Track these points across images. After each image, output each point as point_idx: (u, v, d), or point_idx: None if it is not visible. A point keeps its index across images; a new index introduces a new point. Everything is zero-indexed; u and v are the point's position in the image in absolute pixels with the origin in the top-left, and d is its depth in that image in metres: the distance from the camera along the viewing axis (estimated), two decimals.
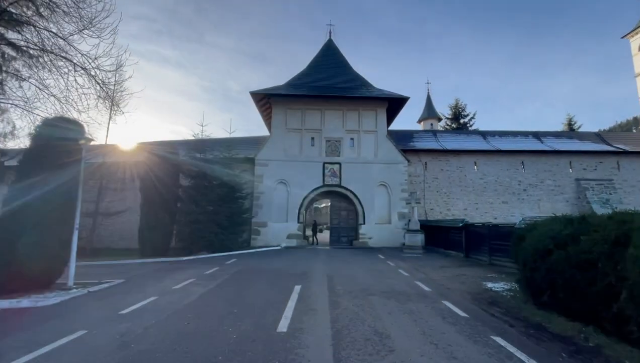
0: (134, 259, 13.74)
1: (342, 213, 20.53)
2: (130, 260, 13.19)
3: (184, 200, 15.80)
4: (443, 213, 21.22)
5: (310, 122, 20.70)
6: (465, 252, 14.21)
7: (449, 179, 21.62)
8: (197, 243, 14.88)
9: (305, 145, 20.42)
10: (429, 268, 11.35)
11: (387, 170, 20.31)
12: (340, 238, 20.33)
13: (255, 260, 12.78)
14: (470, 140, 22.93)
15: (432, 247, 17.68)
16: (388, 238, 19.54)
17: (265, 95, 20.81)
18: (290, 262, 11.88)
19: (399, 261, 12.65)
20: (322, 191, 20.02)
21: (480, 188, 21.57)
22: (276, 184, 19.90)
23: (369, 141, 20.68)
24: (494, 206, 21.40)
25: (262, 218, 19.43)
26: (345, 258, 13.44)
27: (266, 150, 20.20)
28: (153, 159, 15.66)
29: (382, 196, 20.19)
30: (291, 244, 19.29)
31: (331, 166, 20.15)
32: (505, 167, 21.82)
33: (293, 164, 20.06)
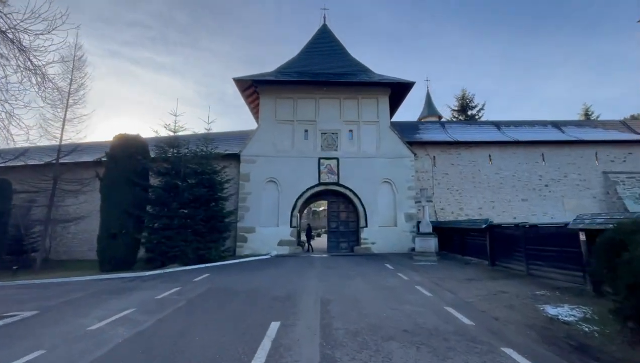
0: (85, 275, 11.19)
1: (341, 215, 18.04)
2: (78, 277, 10.63)
3: (154, 202, 13.27)
4: (455, 213, 18.75)
5: (303, 112, 18.26)
6: (491, 259, 11.73)
7: (460, 175, 19.18)
8: (166, 253, 12.33)
9: (298, 138, 17.97)
10: (453, 281, 8.86)
11: (392, 165, 17.85)
12: (340, 244, 17.81)
13: (234, 274, 10.25)
14: (483, 131, 20.53)
15: (446, 253, 15.21)
16: (394, 243, 17.04)
17: (252, 83, 18.38)
18: (276, 277, 9.36)
19: (412, 273, 10.16)
20: (317, 190, 17.54)
21: (496, 184, 19.14)
22: (265, 183, 17.40)
23: (370, 133, 18.24)
24: (512, 204, 18.95)
25: (249, 223, 16.91)
26: (346, 269, 10.93)
27: (253, 144, 17.72)
28: (117, 154, 13.17)
29: (386, 195, 17.72)
30: (283, 252, 16.75)
31: (328, 161, 17.68)
32: (523, 160, 19.40)
33: (284, 160, 17.59)
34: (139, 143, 13.61)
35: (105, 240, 12.41)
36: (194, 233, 13.03)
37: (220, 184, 14.68)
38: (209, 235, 13.36)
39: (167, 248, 12.30)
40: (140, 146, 13.56)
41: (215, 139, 18.86)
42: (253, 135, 17.91)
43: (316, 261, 13.22)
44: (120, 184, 12.75)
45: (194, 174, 13.77)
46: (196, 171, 13.92)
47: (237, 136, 20.05)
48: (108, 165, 13.12)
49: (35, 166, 15.48)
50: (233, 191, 17.47)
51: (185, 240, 12.68)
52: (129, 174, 12.88)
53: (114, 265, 12.30)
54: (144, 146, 13.86)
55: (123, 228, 12.52)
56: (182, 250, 12.47)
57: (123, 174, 12.83)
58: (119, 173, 12.84)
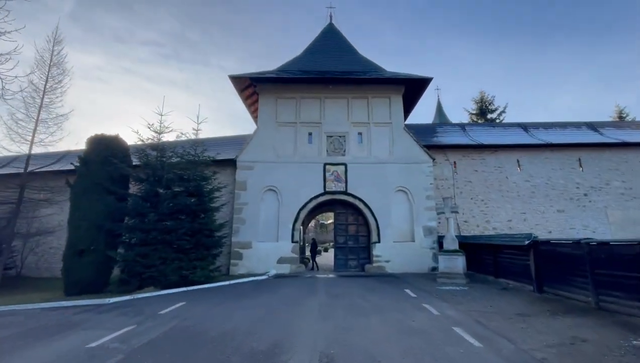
0: (42, 301, 9.22)
1: (349, 229, 15.87)
2: (27, 305, 8.65)
3: (131, 213, 11.39)
4: (481, 226, 16.40)
5: (307, 113, 16.41)
6: (537, 284, 9.40)
7: (485, 183, 16.89)
8: (140, 275, 10.33)
9: (301, 142, 16.05)
10: (501, 318, 6.61)
11: (407, 172, 15.72)
12: (348, 262, 15.57)
13: (215, 304, 8.15)
14: (509, 133, 18.30)
15: (473, 273, 12.85)
16: (411, 261, 14.73)
17: (250, 82, 16.69)
18: (265, 310, 7.21)
19: (441, 304, 7.90)
20: (323, 200, 15.47)
21: (527, 193, 16.76)
22: (264, 192, 15.43)
23: (381, 136, 16.22)
24: (546, 216, 16.51)
25: (245, 237, 14.87)
26: (356, 298, 8.72)
27: (251, 149, 15.86)
28: (89, 158, 11.42)
29: (401, 206, 15.53)
30: (283, 271, 14.60)
31: (334, 168, 15.67)
32: (557, 166, 17.04)
33: (285, 166, 15.65)
34: (117, 146, 11.85)
35: (71, 257, 10.51)
36: (177, 249, 11.06)
37: (210, 193, 12.75)
38: (195, 252, 11.34)
39: (142, 268, 10.31)
40: (118, 149, 11.80)
41: (210, 144, 17.14)
42: (251, 139, 16.07)
43: (320, 285, 11.02)
44: (91, 192, 10.94)
45: (179, 181, 11.88)
46: (182, 177, 12.05)
47: (234, 141, 18.28)
48: (80, 171, 11.35)
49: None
50: (228, 199, 15.55)
51: (165, 258, 10.69)
52: (102, 180, 11.07)
53: (82, 288, 10.36)
54: (124, 149, 12.10)
55: (92, 243, 10.62)
56: (160, 270, 10.47)
57: (95, 180, 11.03)
58: (90, 180, 11.04)
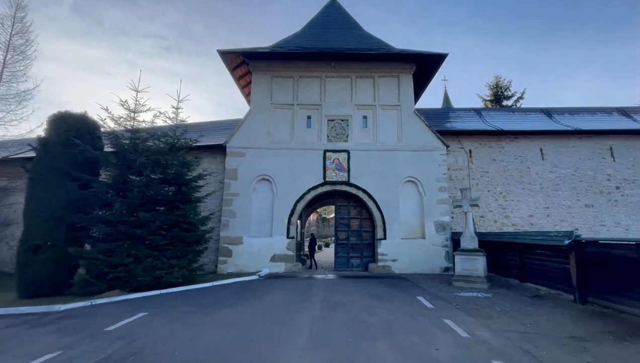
0: None
1: (352, 223, 14.22)
2: None
3: (95, 204, 9.78)
4: (499, 221, 14.67)
5: (306, 94, 14.66)
6: (580, 293, 7.71)
7: (504, 174, 15.12)
8: (105, 275, 8.77)
9: (299, 126, 14.35)
10: (551, 344, 4.96)
11: (417, 160, 13.99)
12: (350, 260, 13.94)
13: (182, 316, 6.55)
14: (531, 119, 16.45)
15: (492, 275, 11.20)
16: (421, 261, 13.10)
17: (243, 59, 14.94)
18: (238, 332, 5.58)
19: (466, 318, 6.25)
20: (322, 191, 13.81)
21: (551, 185, 14.98)
22: (256, 182, 13.79)
23: (389, 120, 14.47)
24: (572, 211, 14.74)
25: (235, 232, 13.28)
26: (359, 309, 7.09)
27: (243, 134, 14.18)
28: (49, 139, 9.81)
29: (410, 199, 13.83)
30: (277, 269, 13.03)
31: (336, 155, 13.97)
32: (585, 155, 15.21)
33: (281, 153, 13.98)
34: (83, 125, 10.20)
35: (25, 254, 8.94)
36: (150, 246, 9.47)
37: (192, 182, 11.11)
38: (172, 249, 9.75)
39: (106, 268, 8.73)
40: (85, 130, 10.15)
41: (199, 128, 15.52)
42: (242, 122, 14.37)
43: (317, 290, 9.40)
44: (50, 179, 9.34)
45: (154, 167, 10.24)
46: (158, 162, 10.41)
47: (226, 125, 16.60)
48: (38, 154, 9.75)
49: None
50: (217, 189, 13.95)
51: (135, 256, 9.10)
52: (63, 165, 9.46)
53: (36, 290, 8.82)
54: (92, 129, 10.45)
55: (50, 238, 9.05)
56: (129, 270, 8.89)
57: (55, 165, 9.42)
58: (49, 164, 9.44)
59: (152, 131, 10.86)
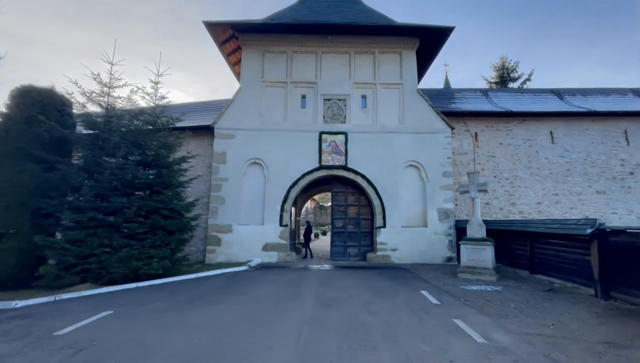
0: None
1: (349, 211, 13.36)
2: None
3: (63, 187, 8.82)
4: (505, 209, 13.85)
5: (301, 71, 13.55)
6: (603, 287, 6.92)
7: (512, 158, 14.21)
8: (73, 266, 7.89)
9: (293, 106, 13.29)
10: (583, 351, 4.17)
11: (420, 143, 13.03)
12: (347, 250, 13.15)
13: (150, 317, 5.70)
14: (541, 100, 15.44)
15: (499, 265, 10.40)
16: (423, 250, 12.31)
17: (232, 33, 13.73)
18: (212, 339, 4.74)
19: (481, 320, 5.43)
20: (318, 176, 12.88)
21: (561, 170, 14.11)
22: (247, 166, 12.83)
23: (390, 100, 13.43)
24: (583, 198, 13.92)
25: (224, 219, 12.40)
26: (357, 309, 6.26)
27: (232, 114, 13.13)
28: (11, 116, 8.76)
29: (412, 184, 12.95)
30: (269, 259, 12.22)
31: (332, 137, 12.98)
32: (598, 139, 14.29)
33: (273, 135, 12.97)
34: (50, 101, 9.12)
35: None
36: (128, 235, 8.58)
37: (174, 164, 10.15)
38: (151, 238, 8.86)
39: (75, 259, 7.84)
40: (51, 105, 9.08)
41: (186, 109, 14.47)
42: (231, 101, 13.29)
43: (310, 282, 8.58)
44: (11, 161, 8.35)
45: (131, 147, 9.24)
46: (135, 143, 9.40)
47: (215, 106, 15.50)
48: None
49: None
50: (204, 174, 13.00)
51: (109, 245, 8.22)
52: (27, 145, 8.45)
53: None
54: (60, 105, 9.37)
55: (13, 226, 8.13)
56: (101, 261, 8.01)
57: (17, 145, 8.41)
58: (10, 144, 8.43)
59: (130, 108, 9.81)
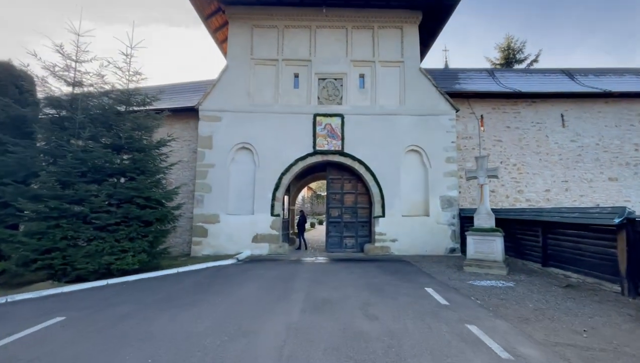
0: None
1: (346, 199, 12.47)
2: None
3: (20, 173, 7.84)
4: (511, 197, 13.02)
5: (293, 48, 12.43)
6: (632, 283, 6.13)
7: (520, 143, 13.30)
8: (33, 262, 6.98)
9: (285, 86, 12.23)
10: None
11: (423, 126, 12.07)
12: (344, 240, 12.31)
13: (109, 325, 4.83)
14: (551, 81, 14.45)
15: (508, 257, 9.61)
16: (424, 241, 11.50)
17: (218, 5, 12.52)
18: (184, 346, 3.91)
19: (500, 325, 4.59)
20: (313, 162, 11.93)
21: (571, 156, 13.24)
22: (235, 151, 11.85)
23: (390, 79, 12.40)
24: (594, 185, 13.11)
25: (211, 208, 11.48)
26: (353, 313, 5.41)
27: (218, 94, 12.06)
28: None
29: (413, 171, 12.05)
30: (260, 251, 11.37)
31: (327, 120, 11.99)
32: (612, 122, 13.39)
33: (264, 117, 11.95)
34: (7, 76, 8.05)
35: None
36: (101, 227, 7.65)
37: (154, 148, 9.15)
38: (125, 229, 7.94)
39: (34, 253, 6.92)
40: (8, 80, 8.03)
41: (169, 90, 13.40)
42: (217, 80, 12.20)
43: (302, 279, 7.74)
44: None
45: (100, 128, 8.22)
46: (106, 123, 8.38)
47: (202, 86, 14.38)
48: None
49: None
50: (190, 158, 12.03)
51: (75, 238, 7.30)
52: None
53: None
54: (19, 81, 8.30)
55: None
56: (66, 256, 7.10)
57: None
58: None
59: (99, 85, 8.74)
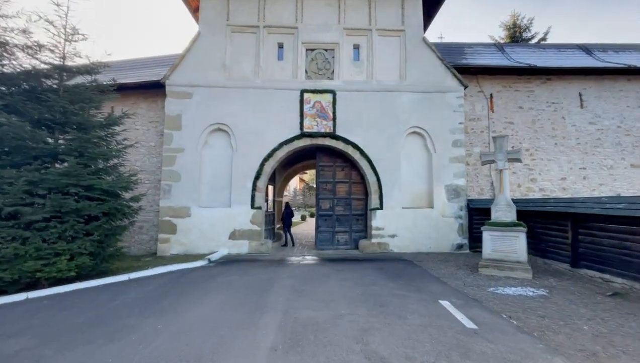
0: None
1: (338, 189, 10.90)
2: None
3: None
4: (523, 186, 11.61)
5: (277, 13, 10.66)
6: None
7: (533, 125, 11.85)
8: None
9: (267, 58, 10.49)
10: None
11: (426, 105, 10.50)
12: (336, 236, 10.78)
13: None
14: (567, 57, 12.95)
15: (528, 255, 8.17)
16: (427, 236, 10.04)
17: None
18: None
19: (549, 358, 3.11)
20: (300, 146, 10.30)
21: (590, 139, 11.85)
22: (209, 133, 10.14)
23: (389, 50, 10.75)
24: (614, 172, 11.76)
25: (180, 200, 9.81)
26: (347, 345, 3.89)
27: (188, 66, 10.28)
28: None
29: (415, 156, 10.51)
30: (239, 250, 9.79)
31: (317, 97, 10.32)
32: (635, 102, 12.00)
33: (242, 94, 10.22)
34: None
35: None
36: (27, 224, 5.95)
37: (104, 127, 7.41)
38: (58, 227, 6.25)
39: None
40: None
41: (132, 65, 11.56)
42: (187, 50, 10.39)
43: (281, 288, 6.18)
44: None
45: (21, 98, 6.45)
46: (32, 92, 6.61)
47: (173, 60, 12.52)
48: None
49: None
50: (157, 142, 10.30)
51: None
52: None
53: None
54: None
55: None
56: None
57: None
58: None
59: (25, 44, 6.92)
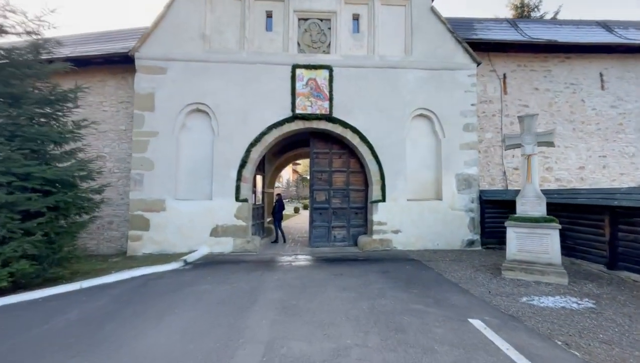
0: None
1: (335, 179, 9.69)
2: None
3: None
4: (539, 175, 10.51)
5: None
6: None
7: (550, 109, 10.74)
8: None
9: (254, 28, 9.12)
10: None
11: (434, 84, 9.27)
12: (332, 232, 9.61)
13: None
14: (585, 33, 11.78)
15: None
16: (435, 232, 8.93)
17: None
18: None
19: None
20: (292, 130, 9.02)
21: (611, 125, 10.79)
22: (186, 114, 8.78)
23: (393, 21, 9.45)
24: (636, 161, 10.77)
25: (154, 192, 8.50)
26: None
27: (161, 37, 8.86)
28: None
29: (422, 142, 9.33)
30: (222, 248, 8.55)
31: (311, 73, 9.00)
32: None
33: (225, 69, 8.86)
34: None
35: None
36: None
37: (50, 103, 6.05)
38: None
39: None
40: None
41: (98, 37, 10.10)
42: (161, 17, 8.94)
43: (264, 305, 4.98)
44: None
45: None
46: None
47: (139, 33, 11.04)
48: None
49: None
50: (127, 126, 8.95)
51: None
52: None
53: None
54: None
55: None
56: None
57: None
58: None
59: None
